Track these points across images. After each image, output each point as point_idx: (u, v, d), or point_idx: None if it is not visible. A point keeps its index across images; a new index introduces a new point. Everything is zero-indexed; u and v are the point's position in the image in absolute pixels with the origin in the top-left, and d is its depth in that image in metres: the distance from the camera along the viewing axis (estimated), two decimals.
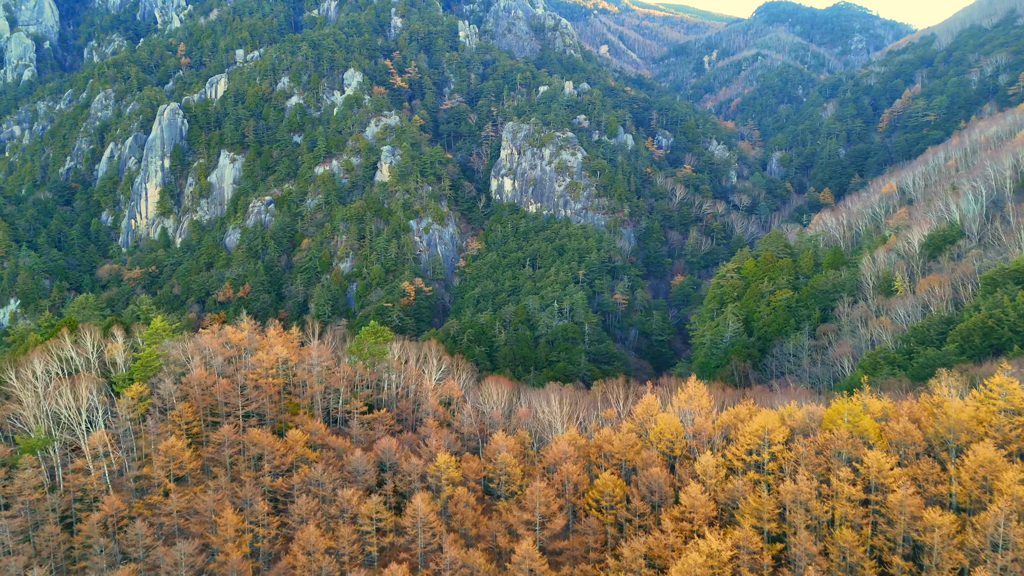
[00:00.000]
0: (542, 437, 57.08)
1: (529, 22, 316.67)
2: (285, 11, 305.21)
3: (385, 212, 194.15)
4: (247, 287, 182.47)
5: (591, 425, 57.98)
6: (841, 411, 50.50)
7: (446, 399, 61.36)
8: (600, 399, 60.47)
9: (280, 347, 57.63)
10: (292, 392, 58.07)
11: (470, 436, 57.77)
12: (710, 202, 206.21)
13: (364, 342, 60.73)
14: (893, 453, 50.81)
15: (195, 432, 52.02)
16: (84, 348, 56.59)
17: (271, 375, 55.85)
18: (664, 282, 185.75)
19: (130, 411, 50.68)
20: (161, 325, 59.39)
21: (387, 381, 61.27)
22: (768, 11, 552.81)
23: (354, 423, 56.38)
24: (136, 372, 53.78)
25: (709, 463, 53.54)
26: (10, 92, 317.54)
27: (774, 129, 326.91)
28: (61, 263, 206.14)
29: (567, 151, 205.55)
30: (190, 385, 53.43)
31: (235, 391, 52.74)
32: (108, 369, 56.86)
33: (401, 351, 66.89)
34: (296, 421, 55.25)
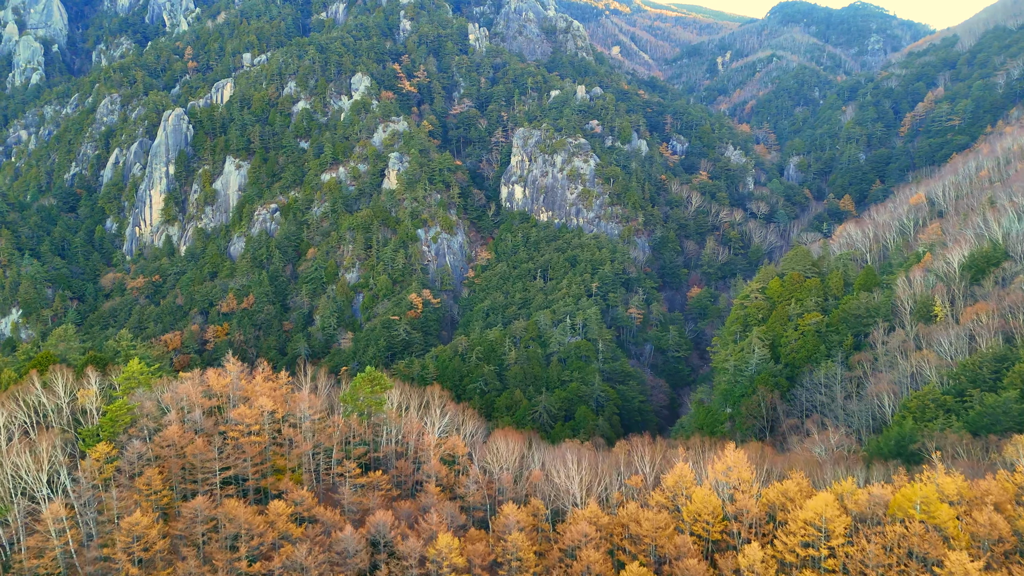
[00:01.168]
0: (558, 507, 51.28)
1: (540, 24, 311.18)
2: (293, 14, 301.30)
3: (392, 221, 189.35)
4: (251, 298, 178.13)
5: (614, 495, 51.99)
6: (911, 497, 44.21)
7: (450, 457, 55.90)
8: (623, 462, 54.64)
9: (265, 398, 52.43)
10: (278, 451, 52.69)
11: (476, 505, 52.21)
12: (727, 210, 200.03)
13: (359, 391, 55.47)
14: (977, 551, 43.98)
15: (165, 503, 46.82)
16: (55, 393, 51.94)
17: (254, 432, 50.56)
18: (680, 294, 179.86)
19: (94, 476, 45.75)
20: (137, 369, 54.45)
21: (384, 437, 55.99)
22: (783, 11, 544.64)
23: (346, 490, 50.88)
24: (104, 427, 48.93)
25: (755, 556, 46.61)
26: (18, 96, 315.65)
27: (790, 132, 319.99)
28: (64, 271, 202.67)
29: (579, 158, 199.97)
30: (162, 444, 48.23)
31: (212, 452, 47.52)
32: (79, 419, 52.13)
33: (401, 397, 61.52)
34: (281, 487, 49.98)
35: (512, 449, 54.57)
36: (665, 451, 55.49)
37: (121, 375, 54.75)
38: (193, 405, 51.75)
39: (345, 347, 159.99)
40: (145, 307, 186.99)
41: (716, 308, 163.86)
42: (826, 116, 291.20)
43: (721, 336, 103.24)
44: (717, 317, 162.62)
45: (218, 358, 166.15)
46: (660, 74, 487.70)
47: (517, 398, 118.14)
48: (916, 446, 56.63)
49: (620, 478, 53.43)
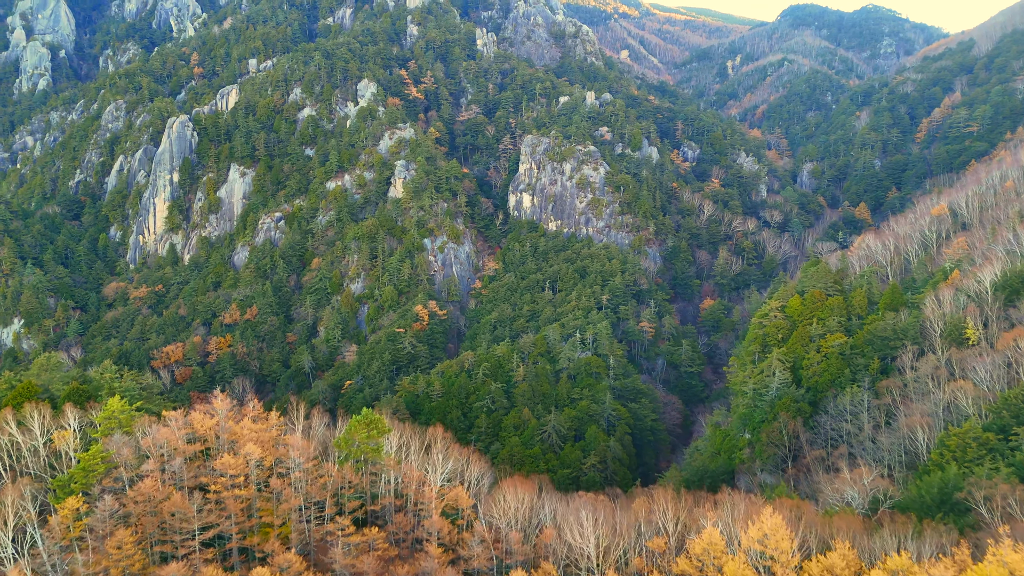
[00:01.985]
0: (572, 573, 47.10)
1: (549, 29, 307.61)
2: (299, 19, 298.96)
3: (398, 230, 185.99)
4: (254, 309, 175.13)
5: (634, 560, 47.60)
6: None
7: (452, 510, 51.91)
8: (644, 519, 50.36)
9: (253, 444, 48.65)
10: (265, 506, 48.79)
11: (482, 569, 48.01)
12: (740, 219, 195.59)
13: (355, 435, 51.52)
14: None
15: (137, 569, 43.08)
16: (31, 432, 48.49)
17: (238, 484, 46.73)
18: (692, 305, 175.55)
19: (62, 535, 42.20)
20: (118, 407, 50.80)
21: (382, 487, 52.07)
22: (793, 14, 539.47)
23: (338, 552, 46.88)
24: (77, 477, 45.38)
25: None
26: (25, 102, 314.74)
27: (803, 138, 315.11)
28: (67, 280, 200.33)
29: (589, 166, 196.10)
30: (137, 499, 44.44)
31: (192, 509, 43.74)
32: (54, 463, 48.67)
33: (401, 439, 57.54)
34: (267, 547, 46.13)
35: (521, 501, 50.44)
36: (691, 508, 51.19)
37: (100, 414, 51.24)
38: (174, 452, 48.08)
39: (349, 360, 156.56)
40: (147, 318, 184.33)
41: (730, 321, 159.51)
42: (840, 121, 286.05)
43: (738, 356, 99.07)
44: (731, 330, 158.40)
45: (221, 371, 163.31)
46: (669, 78, 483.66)
47: (525, 417, 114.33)
48: (962, 495, 52.45)
49: (640, 539, 49.01)
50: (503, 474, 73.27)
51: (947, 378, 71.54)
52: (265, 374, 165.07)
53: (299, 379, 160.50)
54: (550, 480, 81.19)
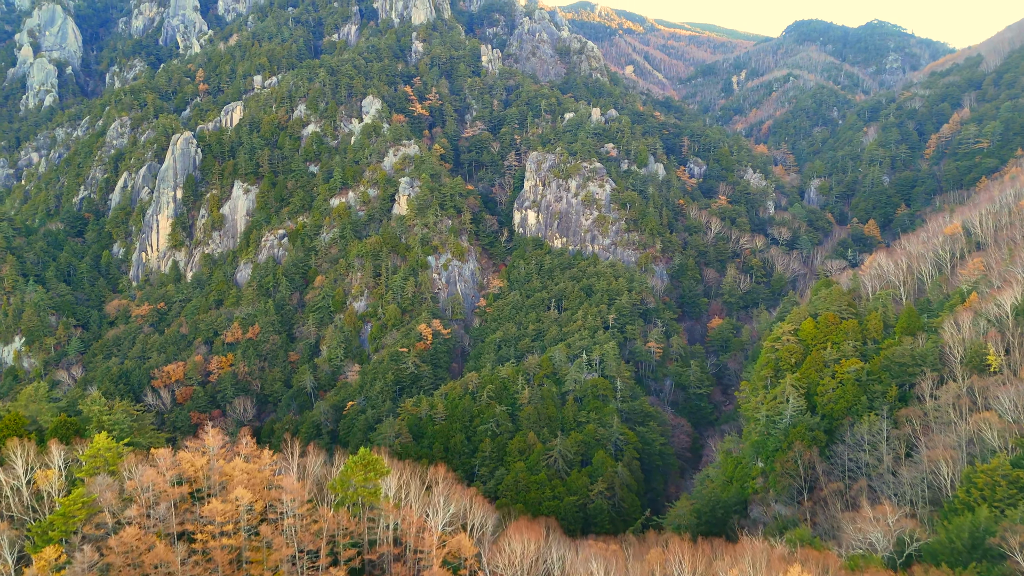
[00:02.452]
0: None
1: (554, 45, 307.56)
2: (305, 36, 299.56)
3: (402, 247, 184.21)
4: (256, 327, 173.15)
5: None
6: None
7: (455, 559, 49.33)
8: (659, 573, 47.76)
9: (243, 488, 46.27)
10: (254, 556, 46.28)
11: None
12: (748, 236, 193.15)
13: (351, 477, 49.02)
14: None
15: None
16: (13, 471, 46.28)
17: (227, 532, 44.26)
18: (700, 324, 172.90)
19: None
20: (104, 445, 48.50)
21: (380, 533, 49.59)
22: (798, 30, 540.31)
23: None
24: (56, 524, 43.06)
25: None
26: (31, 118, 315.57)
27: (810, 153, 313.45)
28: (69, 298, 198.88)
29: (594, 182, 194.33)
30: (118, 549, 42.00)
31: (176, 561, 41.34)
32: (35, 505, 46.43)
33: (400, 480, 54.96)
34: None
35: (528, 549, 47.74)
36: (709, 559, 48.38)
37: (86, 451, 49.02)
38: (160, 496, 45.72)
39: (352, 380, 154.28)
40: (149, 336, 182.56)
41: (739, 341, 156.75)
42: (847, 137, 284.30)
43: (750, 380, 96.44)
44: (739, 350, 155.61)
45: (222, 390, 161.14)
46: (675, 93, 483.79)
47: (531, 441, 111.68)
48: (995, 540, 49.69)
49: None
50: (508, 516, 70.53)
51: (970, 408, 68.84)
52: (267, 394, 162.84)
53: (301, 399, 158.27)
54: (557, 521, 78.23)
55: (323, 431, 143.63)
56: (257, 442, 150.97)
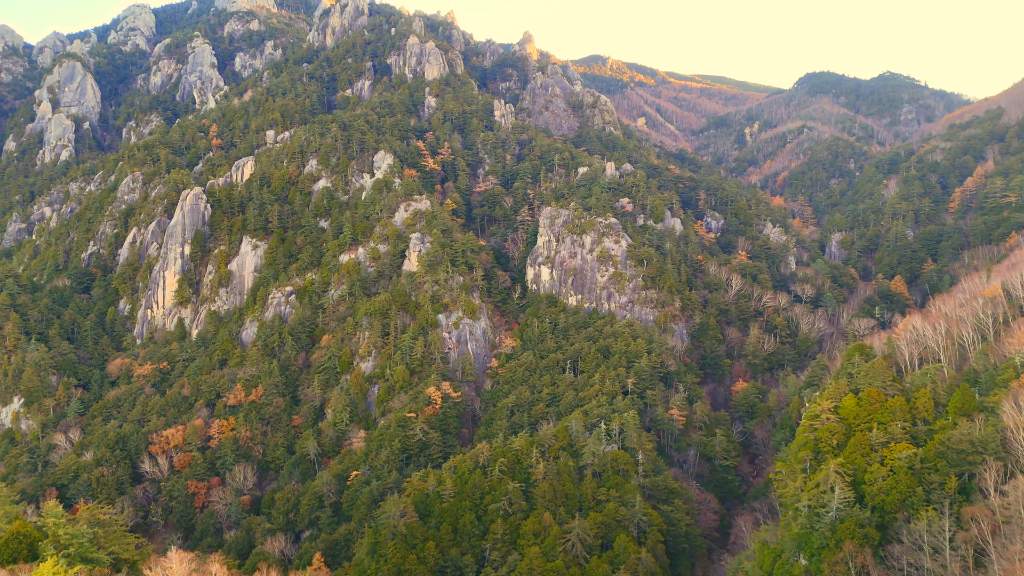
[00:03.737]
0: None
1: (567, 99, 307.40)
2: (319, 91, 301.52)
3: (412, 305, 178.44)
4: (260, 389, 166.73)
5: None
6: None
7: None
8: None
9: None
10: None
11: None
12: (770, 293, 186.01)
13: None
14: None
15: None
16: None
17: None
18: (723, 387, 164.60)
19: None
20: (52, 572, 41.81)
21: None
22: (810, 82, 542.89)
23: None
24: None
25: None
26: (46, 173, 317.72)
27: (827, 205, 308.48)
28: (71, 357, 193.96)
29: (610, 238, 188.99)
30: None
31: None
32: None
33: None
34: None
35: None
36: None
37: None
38: None
39: (357, 447, 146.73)
40: (150, 397, 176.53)
41: (765, 406, 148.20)
42: (867, 190, 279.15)
43: (786, 462, 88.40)
44: (767, 416, 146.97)
45: (222, 457, 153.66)
46: (688, 145, 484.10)
47: (546, 523, 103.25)
48: None
49: None
50: None
51: None
52: (268, 460, 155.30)
53: (303, 466, 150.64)
54: None
55: (325, 503, 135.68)
56: (257, 512, 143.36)
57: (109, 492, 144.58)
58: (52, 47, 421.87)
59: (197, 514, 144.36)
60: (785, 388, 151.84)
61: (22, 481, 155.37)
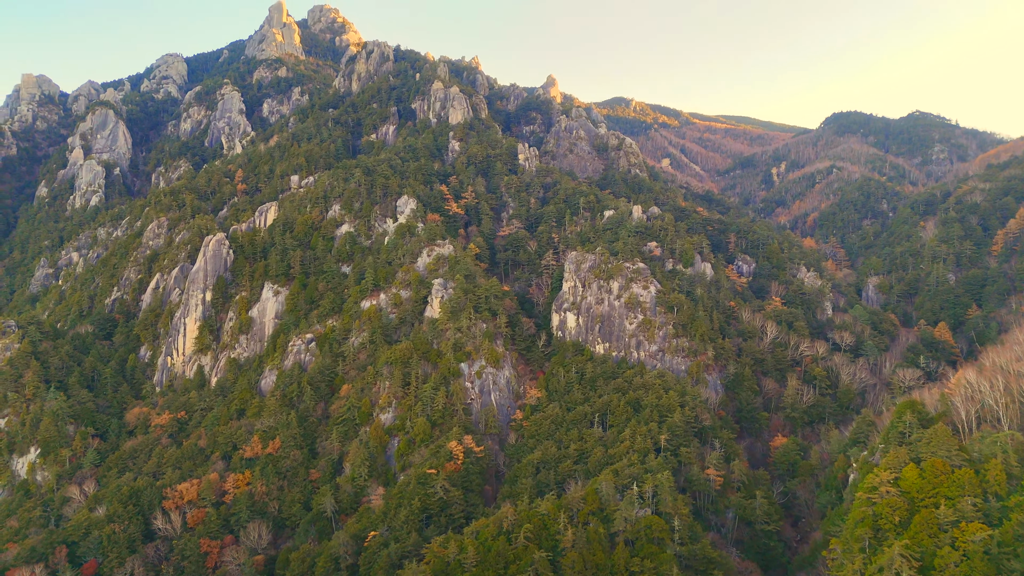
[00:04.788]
0: None
1: (591, 142, 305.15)
2: (344, 136, 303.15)
3: (434, 354, 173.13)
4: (277, 441, 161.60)
5: None
6: None
7: None
8: None
9: None
10: None
11: None
12: (808, 342, 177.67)
13: None
14: None
15: None
16: None
17: None
18: (761, 441, 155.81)
19: None
20: None
21: None
22: (837, 121, 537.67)
23: None
24: None
25: None
26: (76, 218, 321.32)
27: (861, 247, 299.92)
28: (90, 406, 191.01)
29: (638, 284, 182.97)
30: None
31: None
32: None
33: None
34: None
35: None
36: None
37: None
38: None
39: (375, 505, 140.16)
40: (167, 448, 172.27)
41: (807, 464, 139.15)
42: (903, 232, 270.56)
43: (842, 540, 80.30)
44: (809, 475, 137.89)
45: (236, 513, 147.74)
46: (714, 186, 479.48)
47: None
48: None
49: None
50: None
51: None
52: (284, 517, 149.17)
53: (320, 524, 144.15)
54: None
55: (342, 565, 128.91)
56: (271, 574, 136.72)
57: (120, 551, 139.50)
58: (87, 95, 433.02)
59: (209, 575, 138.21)
60: (828, 444, 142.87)
61: (33, 537, 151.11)
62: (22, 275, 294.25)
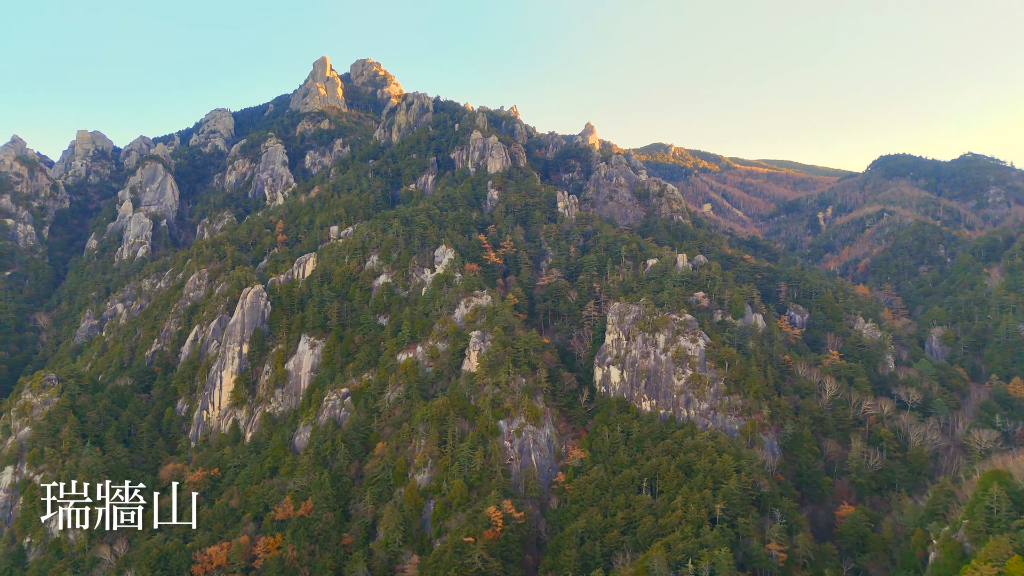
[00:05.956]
0: None
1: (632, 188, 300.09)
2: (383, 186, 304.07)
3: (471, 411, 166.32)
4: (310, 503, 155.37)
5: None
6: None
7: None
8: None
9: None
10: None
11: None
12: (871, 399, 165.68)
13: None
14: None
15: None
16: None
17: None
18: (824, 509, 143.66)
19: None
20: None
21: None
22: (885, 164, 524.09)
23: None
24: None
25: None
26: (123, 269, 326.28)
27: (919, 295, 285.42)
28: (125, 461, 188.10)
29: (686, 337, 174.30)
30: None
31: None
32: None
33: None
34: None
35: None
36: None
37: None
38: None
39: (410, 575, 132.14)
40: (198, 508, 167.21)
41: (879, 538, 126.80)
42: (964, 279, 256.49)
43: None
44: (882, 550, 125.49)
45: None
46: (757, 231, 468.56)
47: None
48: None
49: None
50: None
51: None
52: None
53: None
54: None
55: None
56: None
57: None
58: (138, 150, 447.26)
59: None
60: (901, 515, 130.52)
61: None
62: (68, 326, 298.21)
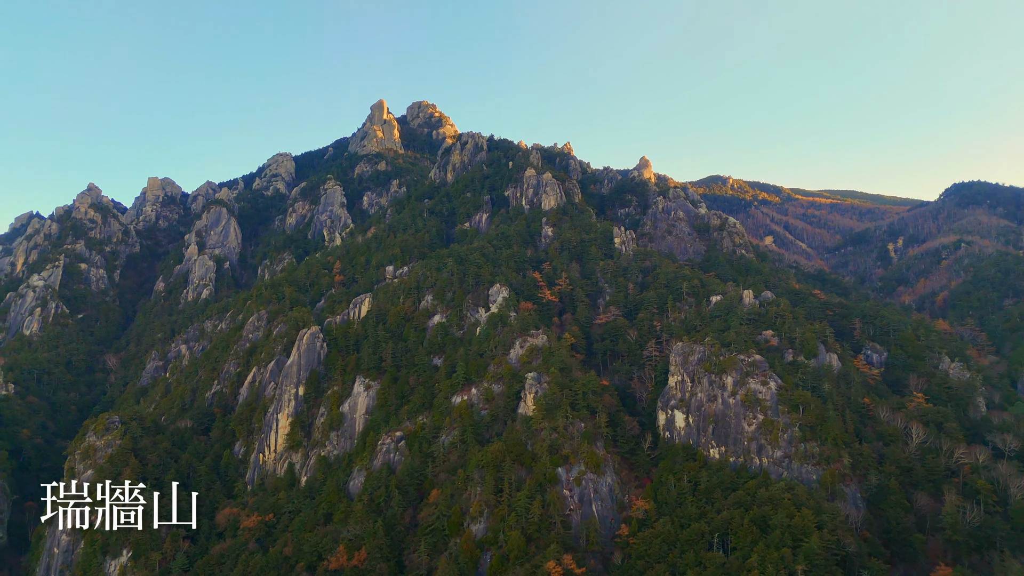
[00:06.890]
0: None
1: (691, 222, 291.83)
2: (438, 225, 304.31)
3: (528, 457, 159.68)
4: (363, 552, 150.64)
5: None
6: None
7: None
8: None
9: None
10: None
11: None
12: (964, 447, 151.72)
13: None
14: None
15: None
16: None
17: None
18: (917, 570, 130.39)
19: None
20: None
21: None
22: (959, 192, 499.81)
23: None
24: None
25: None
26: (188, 311, 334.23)
27: (1006, 330, 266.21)
28: (183, 505, 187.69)
29: (755, 379, 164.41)
30: None
31: None
32: None
33: None
34: None
35: None
36: None
37: None
38: None
39: None
40: (253, 554, 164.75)
41: None
42: None
43: None
44: None
45: None
46: (824, 264, 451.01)
47: None
48: None
49: None
50: None
51: None
52: None
53: None
54: None
55: None
56: None
57: None
58: (204, 194, 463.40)
59: None
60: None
61: None
62: (135, 368, 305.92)
